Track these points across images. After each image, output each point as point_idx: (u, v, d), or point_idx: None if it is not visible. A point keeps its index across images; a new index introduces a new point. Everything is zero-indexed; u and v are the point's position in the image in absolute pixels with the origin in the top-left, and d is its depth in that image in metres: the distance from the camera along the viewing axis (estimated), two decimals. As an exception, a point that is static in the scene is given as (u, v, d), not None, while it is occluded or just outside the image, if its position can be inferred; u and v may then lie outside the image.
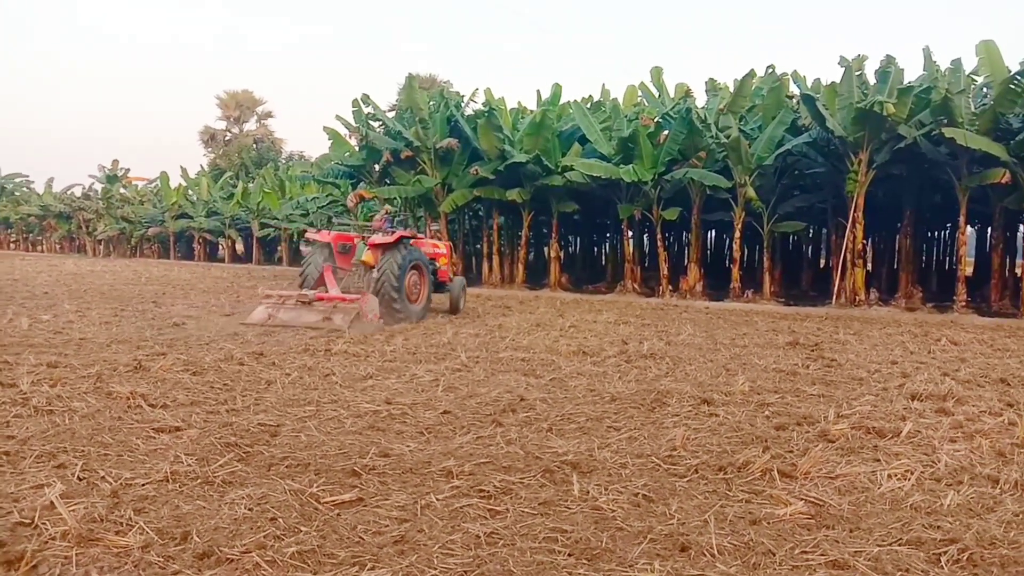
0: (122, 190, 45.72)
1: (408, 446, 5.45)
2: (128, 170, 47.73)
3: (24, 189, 54.51)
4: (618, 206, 20.65)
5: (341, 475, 4.81)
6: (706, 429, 6.13)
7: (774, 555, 3.78)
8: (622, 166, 19.25)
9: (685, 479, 4.90)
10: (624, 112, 21.69)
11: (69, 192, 49.40)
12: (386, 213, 15.14)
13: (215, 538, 3.78)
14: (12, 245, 54.39)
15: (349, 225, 15.70)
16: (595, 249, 29.56)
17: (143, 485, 4.52)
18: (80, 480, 4.59)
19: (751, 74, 19.68)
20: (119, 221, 43.46)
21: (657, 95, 23.44)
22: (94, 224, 45.25)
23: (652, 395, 7.25)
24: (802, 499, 4.53)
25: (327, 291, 12.73)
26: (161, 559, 3.56)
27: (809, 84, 20.43)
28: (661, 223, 20.33)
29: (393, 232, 13.60)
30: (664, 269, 20.45)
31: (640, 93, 24.01)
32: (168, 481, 4.59)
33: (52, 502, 4.13)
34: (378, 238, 13.27)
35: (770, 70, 20.68)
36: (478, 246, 26.54)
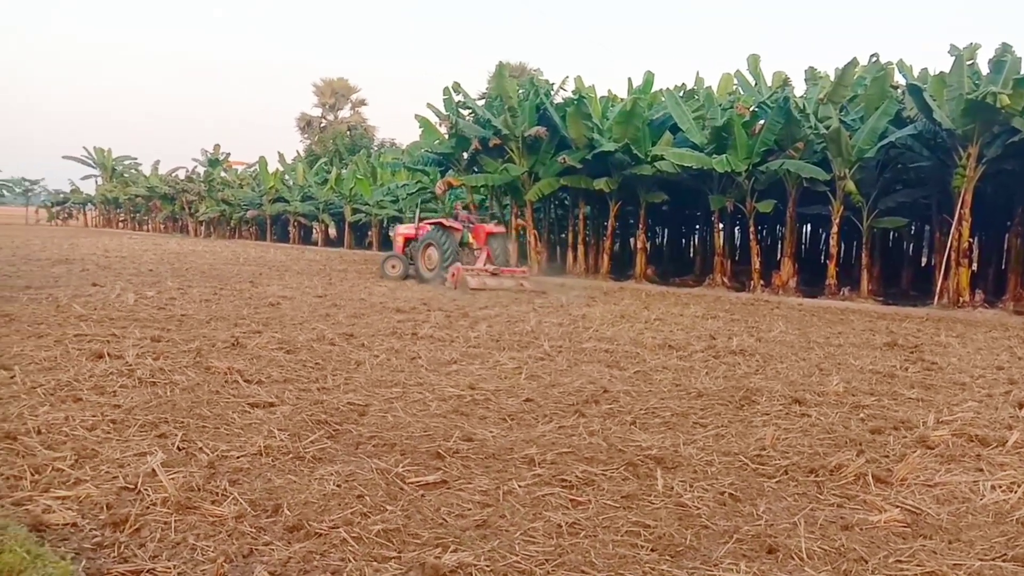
0: (223, 174, 47.62)
1: (491, 432, 5.49)
2: (229, 154, 49.72)
3: (132, 171, 57.41)
4: (709, 197, 20.22)
5: (426, 457, 4.88)
6: (797, 429, 5.94)
7: (866, 562, 3.63)
8: (715, 156, 18.82)
9: (774, 480, 4.76)
10: (718, 101, 21.16)
11: (174, 174, 51.81)
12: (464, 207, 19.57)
13: (304, 512, 3.89)
14: (120, 224, 57.38)
15: (436, 213, 18.04)
16: (683, 241, 29.05)
17: (238, 457, 4.70)
18: (179, 450, 4.80)
19: (853, 63, 18.86)
20: (219, 203, 45.27)
21: (753, 83, 22.78)
22: (196, 205, 47.29)
23: (741, 392, 7.07)
24: (898, 506, 4.33)
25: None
26: (253, 530, 3.69)
27: (915, 74, 19.45)
28: (754, 215, 19.80)
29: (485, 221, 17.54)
30: (756, 263, 19.91)
31: (736, 81, 23.40)
32: (262, 455, 4.75)
33: (154, 469, 4.34)
34: (490, 226, 18.81)
35: (874, 59, 19.80)
36: (563, 235, 26.46)
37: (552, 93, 23.48)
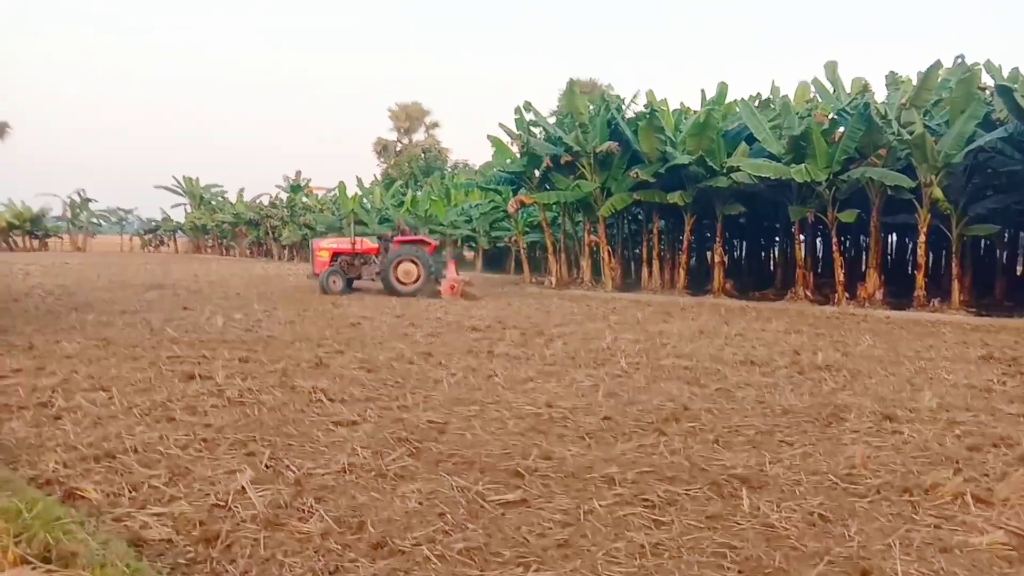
0: (304, 199, 49.07)
1: (570, 450, 5.46)
2: (309, 180, 51.26)
3: (219, 198, 59.73)
4: (789, 208, 19.71)
5: (505, 475, 4.89)
6: (889, 447, 5.71)
7: (970, 588, 3.46)
8: (793, 166, 18.36)
9: (866, 500, 4.58)
10: (795, 109, 20.67)
11: (258, 201, 53.65)
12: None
13: (388, 529, 3.95)
14: (208, 250, 59.68)
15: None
16: (762, 254, 28.38)
17: (323, 475, 4.81)
18: (267, 468, 4.94)
19: (937, 65, 18.14)
20: (301, 228, 46.61)
21: (832, 91, 22.16)
22: (279, 230, 48.81)
23: (828, 409, 6.85)
24: (1001, 528, 4.11)
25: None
26: (339, 547, 3.76)
27: (1005, 74, 18.58)
28: (836, 226, 19.19)
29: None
30: (840, 275, 19.27)
31: (813, 89, 22.81)
32: (345, 472, 4.85)
33: (243, 487, 4.48)
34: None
35: (959, 60, 19.00)
36: (637, 251, 26.22)
37: (623, 108, 23.36)
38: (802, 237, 20.62)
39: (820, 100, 21.62)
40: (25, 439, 5.46)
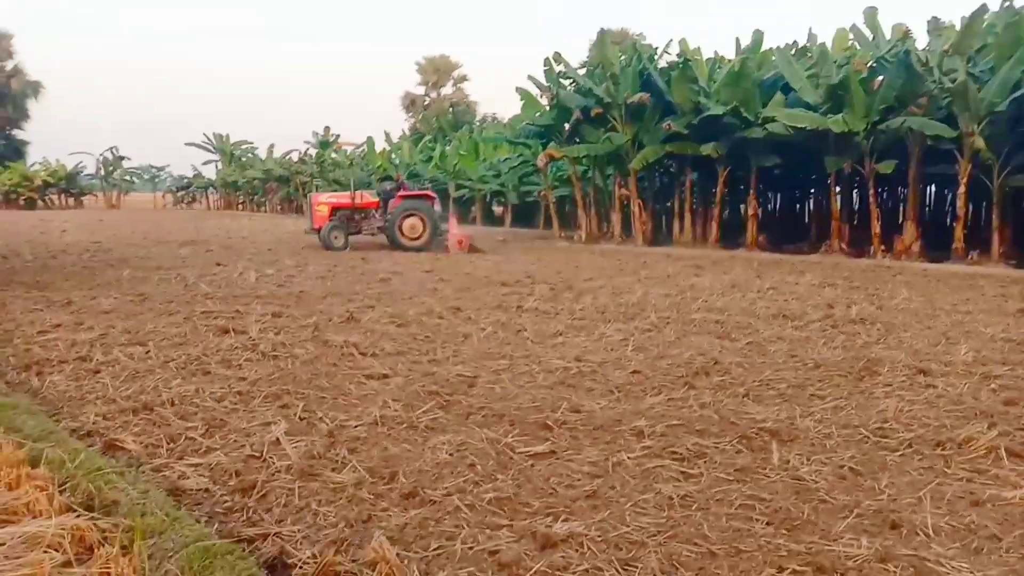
0: (333, 155, 49.08)
1: (598, 403, 5.48)
2: (339, 136, 51.14)
3: (249, 155, 59.97)
4: (825, 159, 19.28)
5: (534, 427, 4.93)
6: (922, 401, 5.64)
7: (1000, 540, 3.43)
8: (830, 116, 17.92)
9: (897, 453, 4.55)
10: (833, 58, 20.08)
11: (288, 157, 53.77)
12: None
13: (419, 480, 4.01)
14: (240, 206, 60.19)
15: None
16: (797, 206, 27.88)
17: (355, 427, 4.88)
18: (301, 420, 5.03)
19: (982, 10, 17.43)
20: (331, 183, 46.73)
21: (871, 38, 21.46)
22: (310, 186, 48.98)
23: (861, 363, 6.77)
24: (1036, 483, 4.06)
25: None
26: (371, 496, 3.84)
27: (1057, 16, 17.81)
28: (874, 177, 18.78)
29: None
30: (876, 227, 18.90)
31: (851, 36, 22.11)
32: (377, 424, 4.92)
33: (278, 439, 4.57)
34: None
35: (1007, 4, 18.26)
36: (668, 204, 25.91)
37: (656, 58, 22.87)
38: (838, 189, 20.21)
39: (859, 48, 20.98)
40: (66, 392, 5.62)
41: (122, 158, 61.50)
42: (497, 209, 41.07)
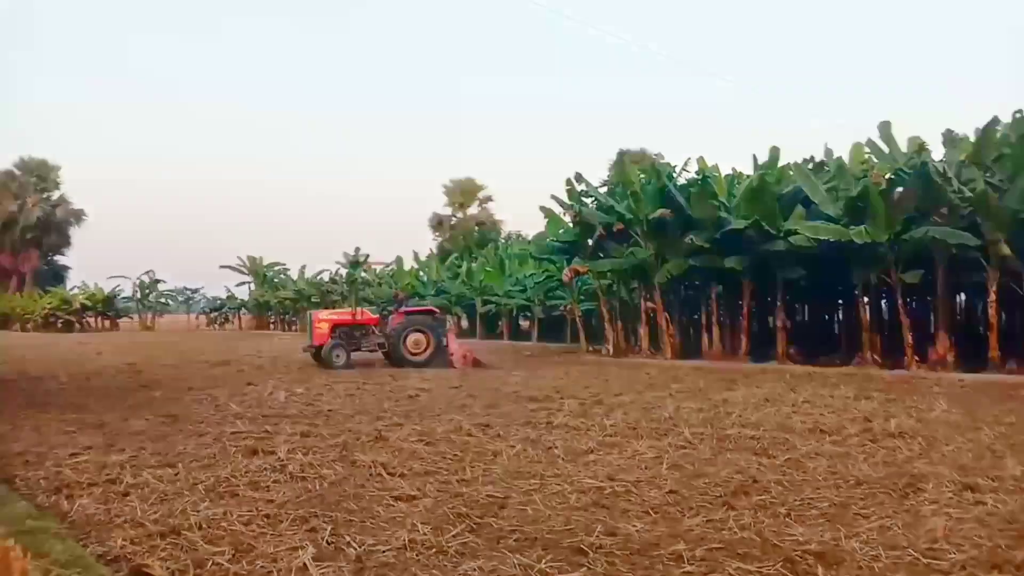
0: (363, 274, 50.04)
1: (634, 526, 5.31)
2: (368, 255, 52.29)
3: (282, 276, 61.29)
4: (851, 270, 19.32)
5: (568, 552, 4.77)
6: (972, 519, 5.40)
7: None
8: (852, 227, 18.05)
9: (951, 576, 4.32)
10: (851, 171, 20.46)
11: (319, 277, 54.91)
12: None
13: (450, 610, 3.86)
14: (271, 326, 61.01)
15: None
16: (825, 317, 27.72)
17: (384, 552, 4.76)
18: (329, 544, 4.92)
19: (995, 121, 17.82)
20: (361, 302, 47.41)
21: (887, 151, 21.89)
22: (340, 305, 49.72)
23: (904, 479, 6.54)
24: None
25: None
26: (401, 627, 3.69)
27: (1072, 127, 18.09)
28: (901, 287, 18.70)
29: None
30: (908, 338, 18.64)
31: (867, 150, 22.54)
32: (406, 549, 4.80)
33: (305, 564, 4.47)
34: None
35: (1017, 115, 18.62)
36: (696, 317, 25.88)
37: (675, 175, 23.44)
38: (866, 299, 20.11)
39: (876, 161, 21.38)
40: (94, 516, 5.57)
41: (158, 281, 63.13)
42: (524, 324, 41.23)
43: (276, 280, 60.89)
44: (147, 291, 62.51)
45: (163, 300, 66.38)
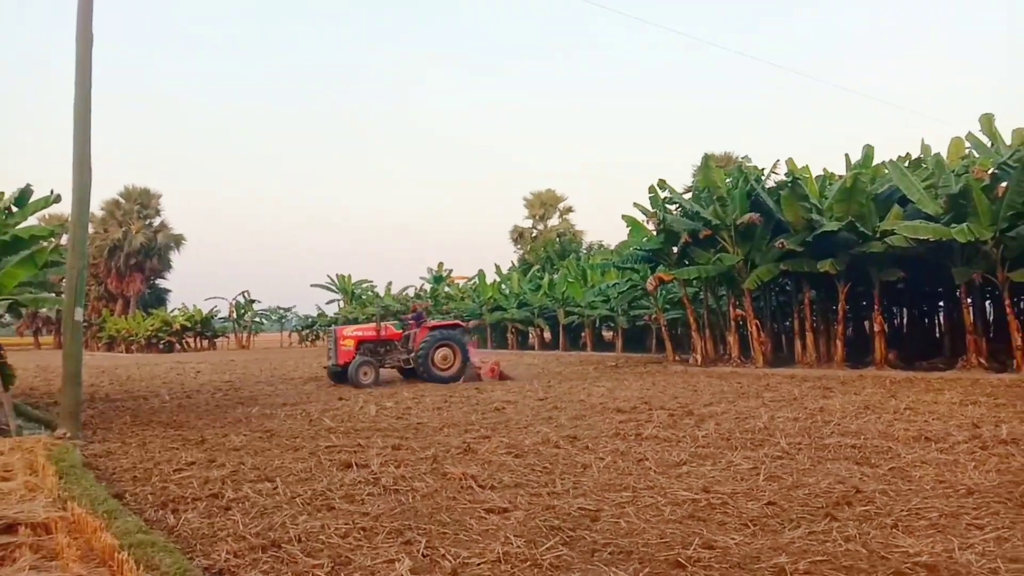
0: (446, 288, 50.76)
1: (733, 538, 5.15)
2: (451, 270, 53.12)
3: (369, 292, 62.75)
4: (952, 270, 18.39)
5: (665, 566, 4.66)
6: (1103, 532, 5.02)
7: None
8: (954, 226, 17.20)
9: (1085, 594, 4.02)
10: (950, 167, 19.52)
11: (404, 292, 55.98)
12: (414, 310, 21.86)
13: (547, 623, 3.82)
14: (360, 342, 62.24)
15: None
16: (926, 320, 26.50)
17: (478, 564, 4.76)
18: (424, 557, 4.95)
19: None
20: (445, 316, 48.09)
21: (989, 144, 20.83)
22: (425, 320, 50.56)
23: (1020, 488, 6.16)
24: None
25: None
26: (498, 640, 3.67)
27: None
28: (1008, 286, 17.69)
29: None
30: (1016, 339, 17.61)
31: (968, 144, 21.53)
32: (501, 562, 4.78)
33: (402, 576, 4.50)
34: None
35: None
36: (787, 323, 25.14)
37: (763, 178, 22.89)
38: (969, 300, 19.11)
39: (976, 155, 20.35)
40: (199, 529, 5.77)
41: (252, 301, 65.50)
42: (607, 334, 40.91)
43: (364, 297, 62.33)
44: (242, 311, 64.92)
45: (257, 319, 68.78)
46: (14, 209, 13.74)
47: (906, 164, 20.69)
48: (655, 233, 24.84)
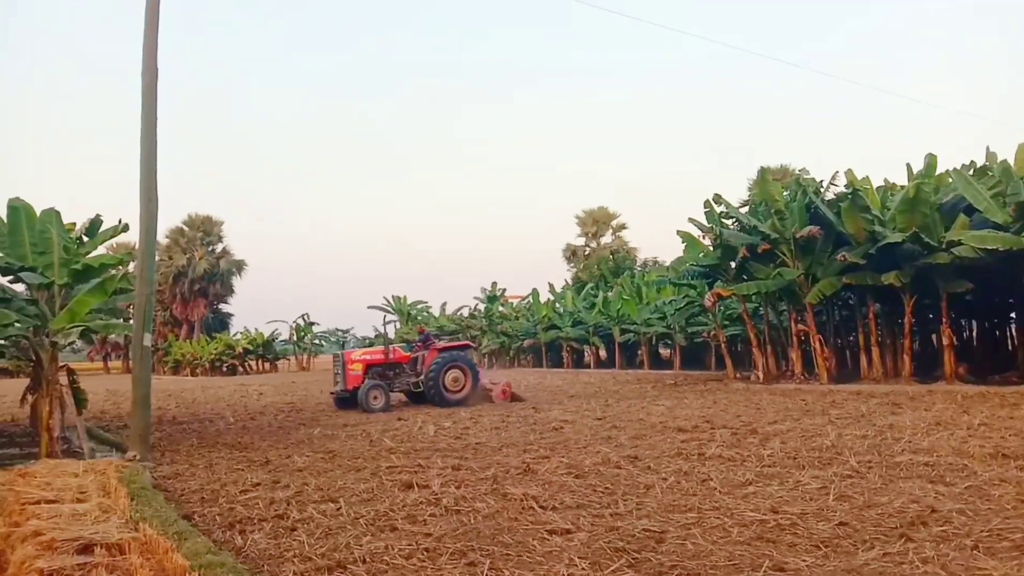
0: (500, 308, 50.91)
1: (804, 560, 5.01)
2: (505, 290, 53.27)
3: (424, 313, 63.28)
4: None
5: (735, 589, 4.55)
6: None
7: None
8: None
9: None
10: (1018, 174, 18.84)
11: (459, 313, 56.30)
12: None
13: (615, 647, 3.76)
14: (417, 362, 62.76)
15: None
16: (996, 332, 25.52)
17: (543, 587, 4.71)
18: (488, 579, 4.93)
19: None
20: (499, 335, 48.19)
21: (1060, 149, 20.03)
22: (479, 339, 50.73)
23: (1112, 508, 5.85)
24: None
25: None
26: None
27: None
28: (1086, 296, 16.95)
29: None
30: (1097, 351, 16.84)
31: (1038, 150, 20.75)
32: (565, 584, 4.72)
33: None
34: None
35: None
36: (851, 338, 24.49)
37: (822, 190, 22.45)
38: (1045, 311, 18.35)
39: (1048, 160, 19.60)
40: (266, 550, 5.85)
41: (312, 324, 66.64)
42: (664, 352, 40.45)
43: (419, 317, 62.87)
44: (302, 333, 66.07)
45: (317, 341, 69.94)
46: (85, 239, 14.25)
47: (971, 172, 20.06)
48: (712, 248, 24.55)
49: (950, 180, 20.05)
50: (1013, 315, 23.64)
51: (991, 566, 4.69)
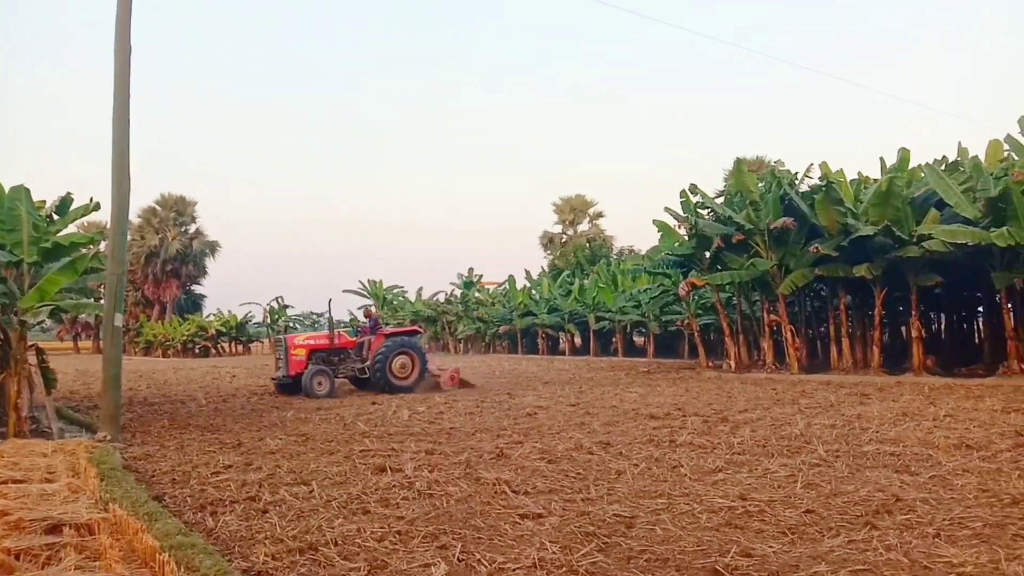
0: (477, 294, 50.89)
1: (771, 546, 5.10)
2: (481, 276, 53.24)
3: (400, 298, 63.09)
4: (992, 275, 18.03)
5: (702, 573, 4.63)
6: None
7: None
8: (993, 229, 16.86)
9: None
10: (989, 170, 19.15)
11: (435, 298, 56.21)
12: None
13: (584, 630, 3.81)
14: (391, 346, 62.62)
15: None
16: (964, 326, 26.00)
17: (514, 570, 4.76)
18: (460, 562, 4.97)
19: None
20: (475, 321, 48.20)
21: (1030, 146, 20.38)
22: (455, 325, 50.72)
23: (1070, 498, 6.01)
24: None
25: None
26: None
27: None
28: (1051, 291, 17.30)
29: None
30: (1060, 345, 17.22)
31: (1006, 147, 21.09)
32: (536, 568, 4.78)
33: (438, 581, 4.51)
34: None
35: None
36: (822, 329, 24.82)
37: (796, 182, 22.66)
38: (1010, 305, 18.71)
39: (1016, 157, 19.94)
40: (237, 532, 5.84)
41: (286, 307, 66.14)
42: (638, 340, 40.68)
43: (395, 302, 62.68)
44: (276, 316, 65.57)
45: (291, 324, 69.50)
46: (55, 217, 14.03)
47: (942, 167, 20.36)
48: (687, 238, 24.70)
49: (922, 175, 20.35)
50: (980, 309, 24.08)
51: (951, 553, 4.81)
